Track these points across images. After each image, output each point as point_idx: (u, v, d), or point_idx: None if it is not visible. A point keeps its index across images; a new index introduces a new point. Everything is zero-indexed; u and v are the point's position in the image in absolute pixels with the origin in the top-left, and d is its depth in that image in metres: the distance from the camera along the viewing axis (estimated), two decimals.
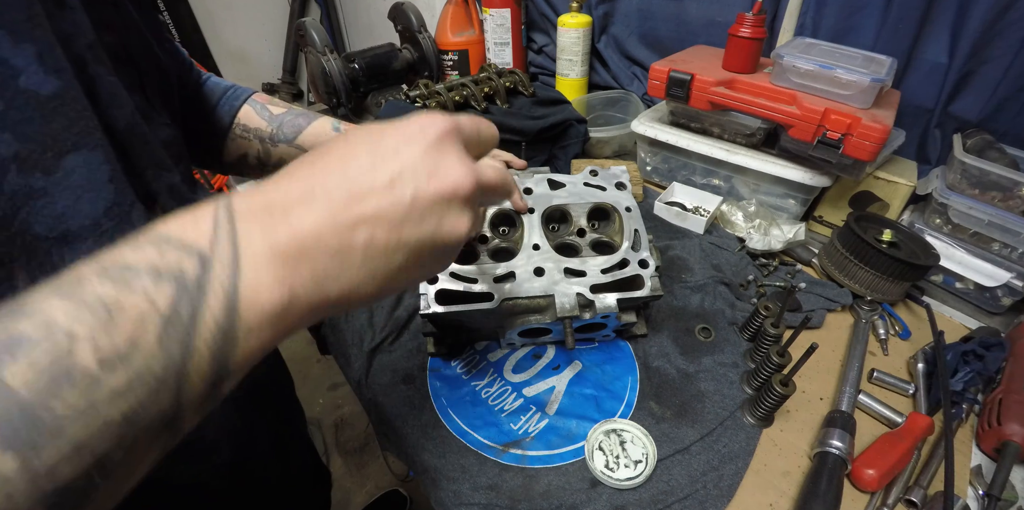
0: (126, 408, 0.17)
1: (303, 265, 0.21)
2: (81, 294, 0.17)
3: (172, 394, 0.18)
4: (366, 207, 0.23)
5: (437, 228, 0.25)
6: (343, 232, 0.22)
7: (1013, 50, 0.68)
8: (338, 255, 0.22)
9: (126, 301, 0.18)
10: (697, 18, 0.98)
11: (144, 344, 0.17)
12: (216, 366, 0.19)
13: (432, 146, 0.25)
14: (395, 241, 0.24)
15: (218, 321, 0.19)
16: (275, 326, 0.21)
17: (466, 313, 0.55)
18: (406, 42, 1.21)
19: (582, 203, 0.65)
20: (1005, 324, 0.69)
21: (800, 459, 0.54)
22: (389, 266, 0.24)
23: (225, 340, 0.19)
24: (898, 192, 0.77)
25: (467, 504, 0.50)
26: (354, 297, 0.24)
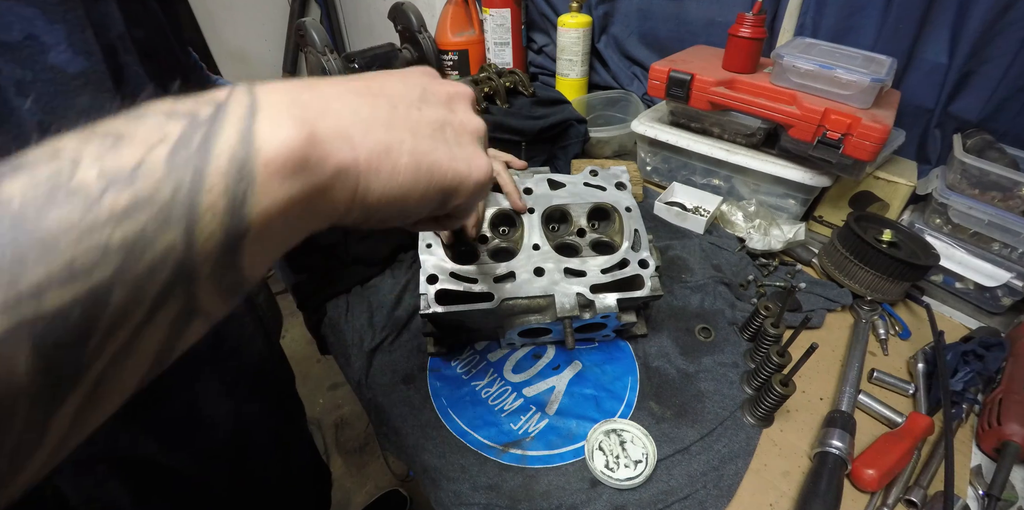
0: (128, 232, 0.15)
1: (327, 115, 0.21)
2: (92, 130, 0.17)
3: (181, 229, 0.16)
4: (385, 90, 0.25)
5: (451, 113, 0.28)
6: (366, 99, 0.24)
7: (1013, 50, 0.68)
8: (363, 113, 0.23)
9: (134, 131, 0.17)
10: (697, 18, 0.98)
11: (150, 165, 0.16)
12: (230, 208, 0.17)
13: (428, 71, 0.30)
14: (416, 112, 0.26)
15: (233, 151, 0.17)
16: (298, 175, 0.19)
17: (466, 313, 0.55)
18: (406, 42, 1.21)
19: (582, 203, 0.65)
20: (1005, 324, 0.69)
21: (800, 459, 0.54)
22: (417, 136, 0.25)
23: (241, 175, 0.17)
24: (898, 192, 0.77)
25: (467, 504, 0.50)
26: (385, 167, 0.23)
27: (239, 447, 0.49)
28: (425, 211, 0.27)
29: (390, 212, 0.25)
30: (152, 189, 0.16)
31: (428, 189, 0.25)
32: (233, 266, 0.18)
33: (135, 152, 0.16)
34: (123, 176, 0.16)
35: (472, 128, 0.28)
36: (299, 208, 0.20)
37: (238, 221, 0.17)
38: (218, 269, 0.18)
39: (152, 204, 0.16)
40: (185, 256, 0.16)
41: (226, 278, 0.18)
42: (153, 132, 0.17)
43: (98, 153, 0.16)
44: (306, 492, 0.74)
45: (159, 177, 0.16)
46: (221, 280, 0.18)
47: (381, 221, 0.26)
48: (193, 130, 0.17)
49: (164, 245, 0.16)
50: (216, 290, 0.18)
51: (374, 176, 0.23)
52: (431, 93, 0.28)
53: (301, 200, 0.19)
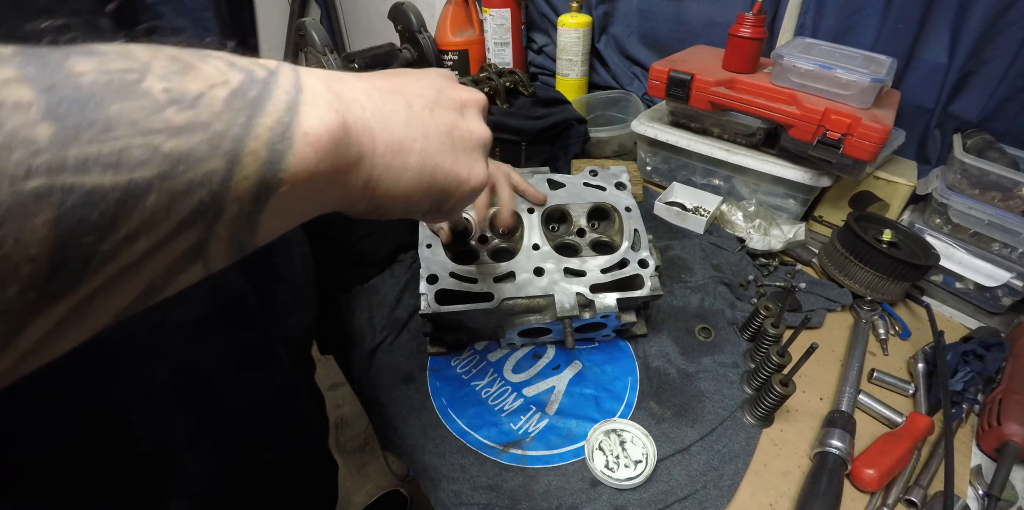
0: (179, 146, 0.16)
1: (354, 106, 0.23)
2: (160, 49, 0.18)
3: (225, 162, 0.17)
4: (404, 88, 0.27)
5: (461, 119, 0.30)
6: (387, 96, 0.26)
7: (1013, 50, 0.68)
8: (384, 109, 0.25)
9: (201, 66, 0.18)
10: (697, 18, 0.98)
11: (211, 100, 0.17)
12: (269, 159, 0.18)
13: (446, 74, 0.32)
14: (429, 114, 0.27)
15: (280, 114, 0.19)
16: (328, 152, 0.21)
17: (466, 313, 0.55)
18: (406, 42, 1.21)
19: (582, 203, 0.65)
20: (1005, 324, 0.69)
21: (800, 459, 0.54)
22: (427, 138, 0.27)
23: (283, 137, 0.19)
24: (898, 192, 0.77)
25: (467, 504, 0.50)
26: (396, 163, 0.25)
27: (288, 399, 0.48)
28: (423, 208, 0.29)
29: (393, 207, 0.27)
30: (208, 119, 0.17)
31: (429, 189, 0.27)
32: (251, 221, 0.19)
33: (199, 84, 0.17)
34: (186, 99, 0.16)
35: (478, 136, 0.30)
36: (320, 183, 0.21)
37: (272, 173, 0.19)
38: (240, 217, 0.18)
39: (205, 130, 0.17)
40: (221, 188, 0.17)
41: (240, 231, 0.19)
42: (216, 74, 0.18)
43: (166, 72, 0.17)
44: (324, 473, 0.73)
45: (216, 111, 0.17)
46: (237, 229, 0.19)
47: (383, 213, 0.28)
48: (250, 85, 0.19)
49: (206, 170, 0.17)
50: (227, 240, 0.19)
51: (385, 170, 0.25)
52: (445, 96, 0.29)
53: (324, 176, 0.21)
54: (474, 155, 0.30)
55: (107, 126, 0.14)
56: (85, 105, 0.14)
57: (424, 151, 0.26)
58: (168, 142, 0.16)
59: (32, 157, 0.13)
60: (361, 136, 0.23)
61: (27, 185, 0.13)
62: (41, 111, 0.13)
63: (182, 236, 0.17)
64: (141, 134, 0.15)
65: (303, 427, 0.54)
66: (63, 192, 0.13)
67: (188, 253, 0.18)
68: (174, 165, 0.16)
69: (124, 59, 0.16)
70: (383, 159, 0.24)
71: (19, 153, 0.13)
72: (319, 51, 1.07)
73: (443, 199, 0.29)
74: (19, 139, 0.13)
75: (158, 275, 0.17)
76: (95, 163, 0.14)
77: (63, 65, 0.15)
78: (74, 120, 0.14)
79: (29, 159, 0.13)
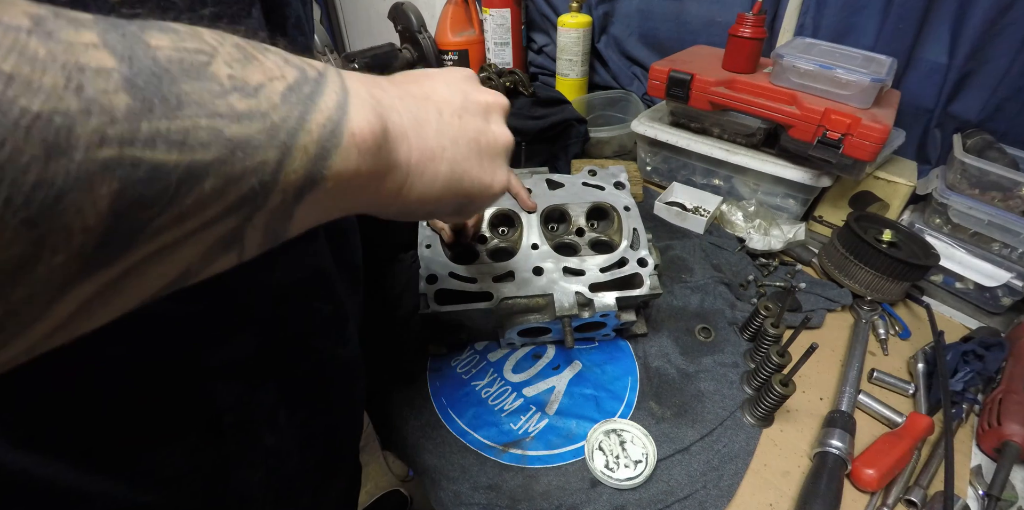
0: (239, 132, 0.16)
1: (392, 114, 0.24)
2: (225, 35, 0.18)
3: (278, 153, 0.17)
4: (433, 94, 0.28)
5: (487, 124, 0.30)
6: (420, 103, 0.26)
7: (1013, 50, 0.68)
8: (417, 117, 0.26)
9: (261, 57, 0.18)
10: (697, 18, 0.98)
11: (270, 92, 0.18)
12: (318, 155, 0.19)
13: (468, 76, 0.32)
14: (458, 121, 0.28)
15: (330, 112, 0.19)
16: (370, 155, 0.21)
17: (465, 313, 0.55)
18: (406, 42, 1.21)
19: (581, 203, 0.65)
20: (1005, 324, 0.69)
21: (800, 459, 0.54)
22: (456, 145, 0.27)
23: (332, 134, 0.19)
24: (898, 192, 0.77)
25: (467, 504, 0.50)
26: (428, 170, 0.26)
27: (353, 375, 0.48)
28: (447, 212, 0.30)
29: (421, 210, 0.28)
30: (267, 109, 0.17)
31: (456, 194, 0.28)
32: (288, 213, 0.19)
33: (259, 75, 0.18)
34: (249, 88, 0.17)
35: (502, 142, 0.31)
36: (358, 183, 0.22)
37: (318, 169, 0.19)
38: (280, 208, 0.19)
39: (264, 120, 0.17)
40: (270, 179, 0.17)
41: (277, 222, 0.19)
42: (275, 68, 0.18)
43: (231, 59, 0.17)
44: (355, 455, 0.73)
45: (274, 104, 0.18)
46: (274, 220, 0.19)
47: (410, 216, 0.29)
48: (303, 81, 0.19)
49: (261, 159, 0.17)
50: (263, 230, 0.19)
51: (419, 178, 0.26)
52: (472, 102, 0.30)
53: (363, 177, 0.21)
54: (498, 161, 0.31)
55: (178, 103, 0.15)
56: (161, 80, 0.14)
57: (454, 158, 0.27)
58: (230, 127, 0.16)
59: (107, 126, 0.13)
60: (399, 143, 0.24)
61: (99, 154, 0.13)
62: (120, 80, 0.13)
63: (224, 221, 0.17)
64: (207, 116, 0.15)
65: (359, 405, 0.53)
66: (130, 165, 0.13)
67: (225, 239, 0.18)
68: (233, 151, 0.16)
69: (195, 40, 0.16)
70: (417, 167, 0.25)
71: (96, 120, 0.13)
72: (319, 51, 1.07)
73: (467, 203, 0.30)
74: (99, 106, 0.13)
75: (195, 259, 0.17)
76: (163, 140, 0.14)
77: (141, 37, 0.15)
78: (149, 93, 0.14)
79: (104, 128, 0.13)
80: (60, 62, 0.12)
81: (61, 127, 0.12)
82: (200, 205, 0.16)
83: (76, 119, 0.12)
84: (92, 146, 0.13)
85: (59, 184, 0.12)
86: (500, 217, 0.64)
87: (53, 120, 0.12)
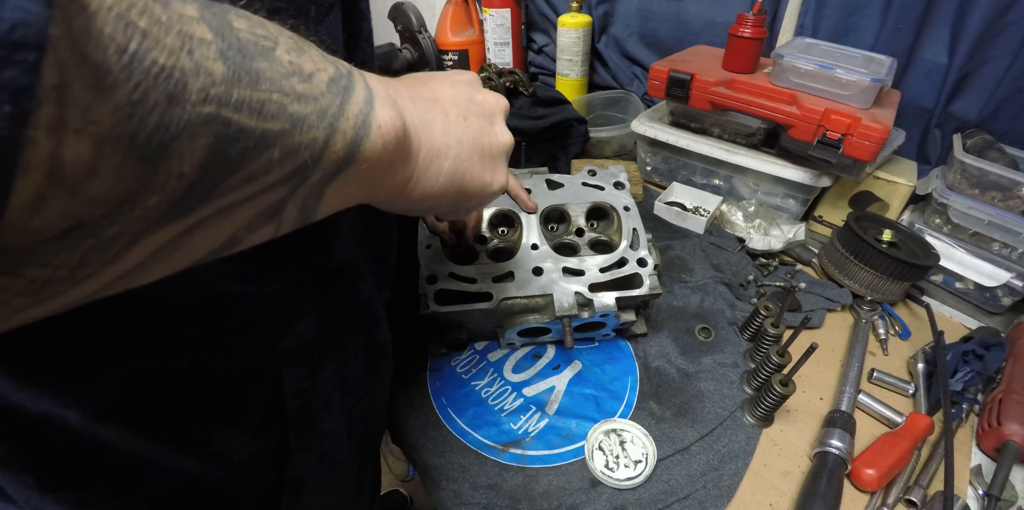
0: (298, 111, 0.18)
1: (406, 111, 0.25)
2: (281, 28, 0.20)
3: (325, 133, 0.19)
4: (440, 96, 0.30)
5: (490, 126, 0.32)
6: (428, 104, 0.28)
7: (1013, 50, 0.68)
8: (425, 117, 0.27)
9: (308, 49, 0.20)
10: (697, 18, 0.98)
11: (318, 79, 0.20)
12: (354, 138, 0.21)
13: (474, 80, 0.33)
14: (463, 122, 0.29)
15: (361, 104, 0.21)
16: (391, 147, 0.23)
17: (465, 313, 0.55)
18: (406, 42, 1.21)
19: (580, 203, 0.65)
20: (1005, 324, 0.69)
21: (800, 459, 0.54)
22: (460, 145, 0.29)
23: (364, 123, 0.21)
24: (898, 192, 0.77)
25: (467, 504, 0.50)
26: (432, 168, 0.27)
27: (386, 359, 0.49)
28: (445, 208, 0.32)
29: (421, 205, 0.29)
30: (317, 94, 0.19)
31: (457, 191, 0.30)
32: (321, 191, 0.21)
33: (310, 65, 0.20)
34: (304, 73, 0.19)
35: (504, 143, 0.33)
36: (379, 171, 0.24)
37: (353, 152, 0.21)
38: (318, 184, 0.21)
39: (316, 102, 0.19)
40: (318, 155, 0.19)
41: (311, 198, 0.21)
42: (320, 60, 0.20)
43: (288, 48, 0.19)
44: None
45: (322, 90, 0.20)
46: (309, 197, 0.21)
47: (411, 211, 0.30)
48: (340, 76, 0.21)
49: (313, 136, 0.19)
50: (301, 205, 0.21)
51: (424, 173, 0.27)
52: (475, 103, 0.31)
53: (384, 165, 0.24)
54: (498, 161, 0.32)
55: (257, 78, 0.16)
56: (244, 55, 0.16)
57: (457, 157, 0.29)
58: (293, 105, 0.18)
59: (211, 87, 0.15)
60: (411, 139, 0.25)
61: (203, 109, 0.15)
62: (217, 51, 0.15)
63: (276, 189, 0.19)
64: (277, 91, 0.17)
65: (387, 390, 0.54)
66: (223, 123, 0.15)
67: (272, 208, 0.20)
68: (294, 125, 0.18)
69: (263, 27, 0.18)
70: (424, 162, 0.27)
71: (203, 80, 0.14)
72: None
73: (465, 200, 0.32)
74: (204, 70, 0.15)
75: (243, 224, 0.19)
76: (247, 106, 0.16)
77: (226, 18, 0.16)
78: (237, 65, 0.16)
79: (208, 87, 0.15)
80: (176, 28, 0.14)
81: (179, 80, 0.14)
82: (265, 170, 0.18)
83: (189, 76, 0.14)
84: (199, 101, 0.14)
85: (172, 129, 0.14)
86: (500, 217, 0.64)
87: (173, 74, 0.14)
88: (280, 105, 0.17)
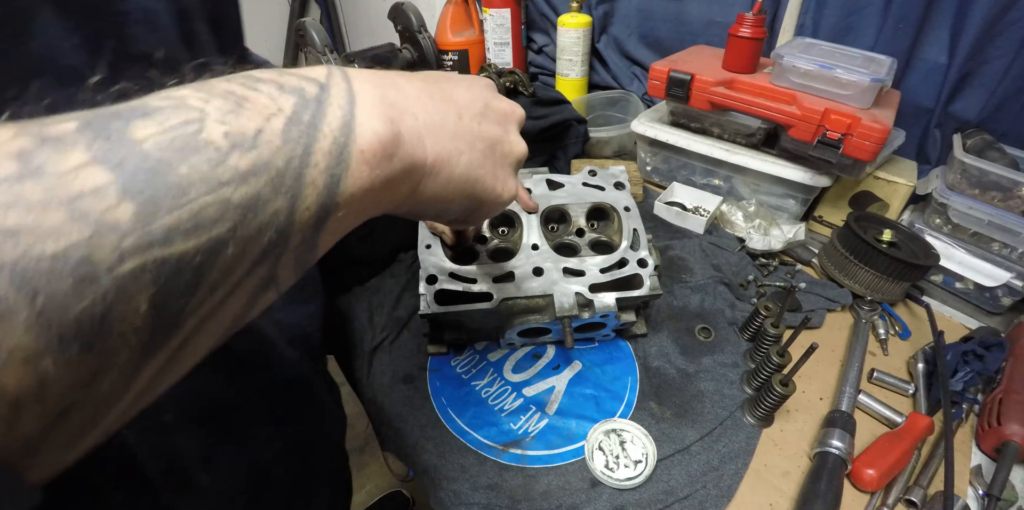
0: (247, 193, 0.16)
1: (407, 116, 0.23)
2: (210, 87, 0.17)
3: (288, 198, 0.17)
4: (453, 98, 0.27)
5: (505, 134, 0.30)
6: (439, 105, 0.26)
7: (1013, 50, 0.68)
8: (435, 118, 0.25)
9: (253, 97, 0.18)
10: (697, 18, 0.98)
11: (269, 135, 0.17)
12: (328, 185, 0.19)
13: (489, 84, 0.32)
14: (477, 126, 0.28)
15: (335, 134, 0.19)
16: (381, 166, 0.21)
17: (465, 313, 0.55)
18: (406, 42, 1.21)
19: (581, 203, 0.65)
20: (1005, 324, 0.69)
21: (800, 459, 0.54)
22: (473, 150, 0.27)
23: (340, 158, 0.19)
24: (898, 192, 0.77)
25: (467, 504, 0.50)
26: (443, 172, 0.26)
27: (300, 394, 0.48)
28: (454, 215, 0.31)
29: (429, 211, 0.28)
30: (269, 156, 0.17)
31: (467, 199, 0.29)
32: (313, 243, 0.19)
33: (255, 119, 0.17)
34: (247, 140, 0.17)
35: (517, 152, 0.32)
36: (373, 195, 0.21)
37: (331, 199, 0.19)
38: (303, 242, 0.19)
39: (268, 171, 0.17)
40: (286, 224, 0.18)
41: (304, 253, 0.19)
42: (269, 102, 0.18)
43: (222, 113, 0.17)
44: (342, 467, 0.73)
45: (276, 147, 0.17)
46: (300, 254, 0.19)
47: (418, 215, 0.29)
48: (303, 107, 0.19)
49: (272, 210, 0.17)
50: (293, 264, 0.19)
51: (432, 180, 0.26)
52: (492, 109, 0.30)
53: (376, 189, 0.21)
54: (509, 170, 0.31)
55: (181, 190, 0.15)
56: (156, 174, 0.14)
57: (469, 162, 0.27)
58: (237, 192, 0.16)
59: (122, 241, 0.13)
60: (414, 146, 0.23)
61: (123, 269, 0.13)
62: (119, 191, 0.13)
63: (254, 274, 0.17)
64: (212, 190, 0.15)
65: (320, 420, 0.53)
66: (156, 266, 0.14)
67: (261, 285, 0.18)
68: (244, 214, 0.16)
69: (180, 111, 0.16)
70: (433, 168, 0.25)
71: (110, 239, 0.13)
72: (319, 51, 1.07)
73: (475, 208, 0.30)
74: (106, 226, 0.13)
75: (239, 310, 0.18)
76: (178, 232, 0.14)
77: (125, 134, 0.15)
78: (151, 193, 0.14)
79: (120, 243, 0.13)
80: (58, 198, 0.12)
81: (80, 258, 0.12)
82: (228, 272, 0.16)
83: (90, 246, 0.13)
84: (114, 265, 0.13)
85: (98, 309, 0.13)
86: (500, 217, 0.64)
87: (69, 255, 0.12)
88: (220, 203, 0.15)
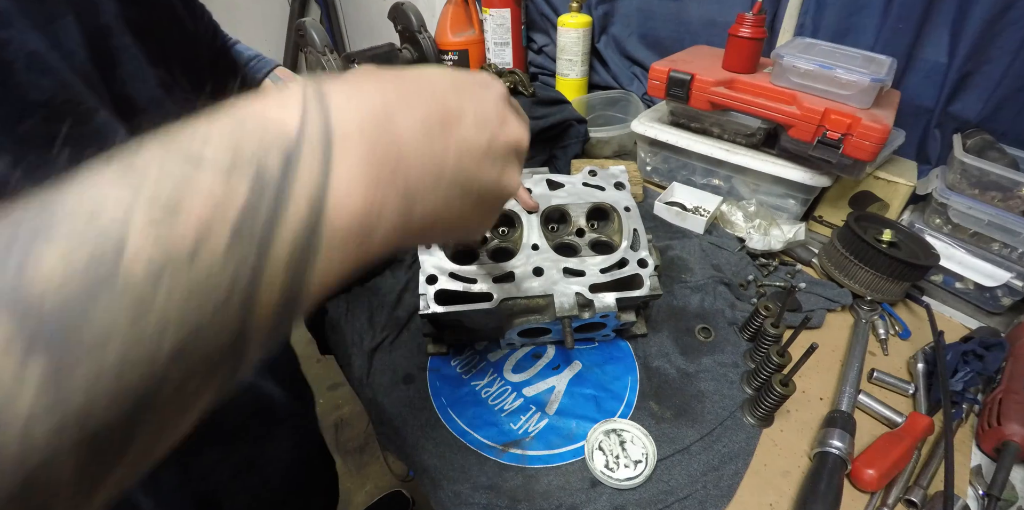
0: (182, 336, 0.13)
1: (398, 175, 0.20)
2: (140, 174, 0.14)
3: (236, 318, 0.15)
4: (458, 134, 0.23)
5: (501, 175, 0.26)
6: (438, 142, 0.22)
7: (1013, 50, 0.68)
8: (430, 170, 0.21)
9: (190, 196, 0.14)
10: (697, 18, 0.98)
11: (211, 246, 0.14)
12: (290, 283, 0.16)
13: (503, 98, 0.27)
14: (475, 173, 0.24)
15: (301, 222, 0.16)
16: (357, 243, 0.18)
17: (465, 313, 0.55)
18: (406, 42, 1.21)
19: (581, 203, 0.65)
20: (1005, 324, 0.69)
21: (800, 459, 0.54)
22: (465, 200, 0.24)
23: (304, 252, 0.16)
24: (898, 192, 0.77)
25: (467, 504, 0.50)
26: (429, 229, 0.23)
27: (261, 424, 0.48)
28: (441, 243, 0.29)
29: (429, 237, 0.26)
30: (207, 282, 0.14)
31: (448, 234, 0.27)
32: (281, 328, 0.17)
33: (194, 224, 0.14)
34: (181, 258, 0.14)
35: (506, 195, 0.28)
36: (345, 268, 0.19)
37: (295, 293, 0.17)
38: (268, 335, 0.17)
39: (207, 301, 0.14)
40: (240, 334, 0.15)
41: (269, 343, 0.17)
42: (211, 198, 0.14)
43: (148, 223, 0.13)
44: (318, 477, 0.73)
45: (220, 261, 0.14)
46: (267, 342, 0.17)
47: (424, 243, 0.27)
48: (259, 196, 0.15)
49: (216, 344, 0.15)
50: (261, 350, 0.17)
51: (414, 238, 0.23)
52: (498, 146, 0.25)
53: (352, 262, 0.19)
54: (498, 204, 0.28)
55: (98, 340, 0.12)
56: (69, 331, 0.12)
57: (464, 209, 0.24)
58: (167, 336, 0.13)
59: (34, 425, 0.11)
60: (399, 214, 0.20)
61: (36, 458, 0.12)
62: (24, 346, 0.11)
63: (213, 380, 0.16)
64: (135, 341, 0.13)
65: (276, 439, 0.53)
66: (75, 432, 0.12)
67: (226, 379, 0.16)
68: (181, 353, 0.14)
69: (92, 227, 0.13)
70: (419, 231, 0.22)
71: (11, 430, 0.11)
72: (319, 51, 1.07)
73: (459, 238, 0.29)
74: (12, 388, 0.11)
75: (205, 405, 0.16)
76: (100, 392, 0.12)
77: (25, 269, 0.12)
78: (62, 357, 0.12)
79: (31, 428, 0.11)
80: None
81: None
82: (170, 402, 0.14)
83: None
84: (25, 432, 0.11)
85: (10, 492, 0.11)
86: (500, 217, 0.64)
87: None
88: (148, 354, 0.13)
